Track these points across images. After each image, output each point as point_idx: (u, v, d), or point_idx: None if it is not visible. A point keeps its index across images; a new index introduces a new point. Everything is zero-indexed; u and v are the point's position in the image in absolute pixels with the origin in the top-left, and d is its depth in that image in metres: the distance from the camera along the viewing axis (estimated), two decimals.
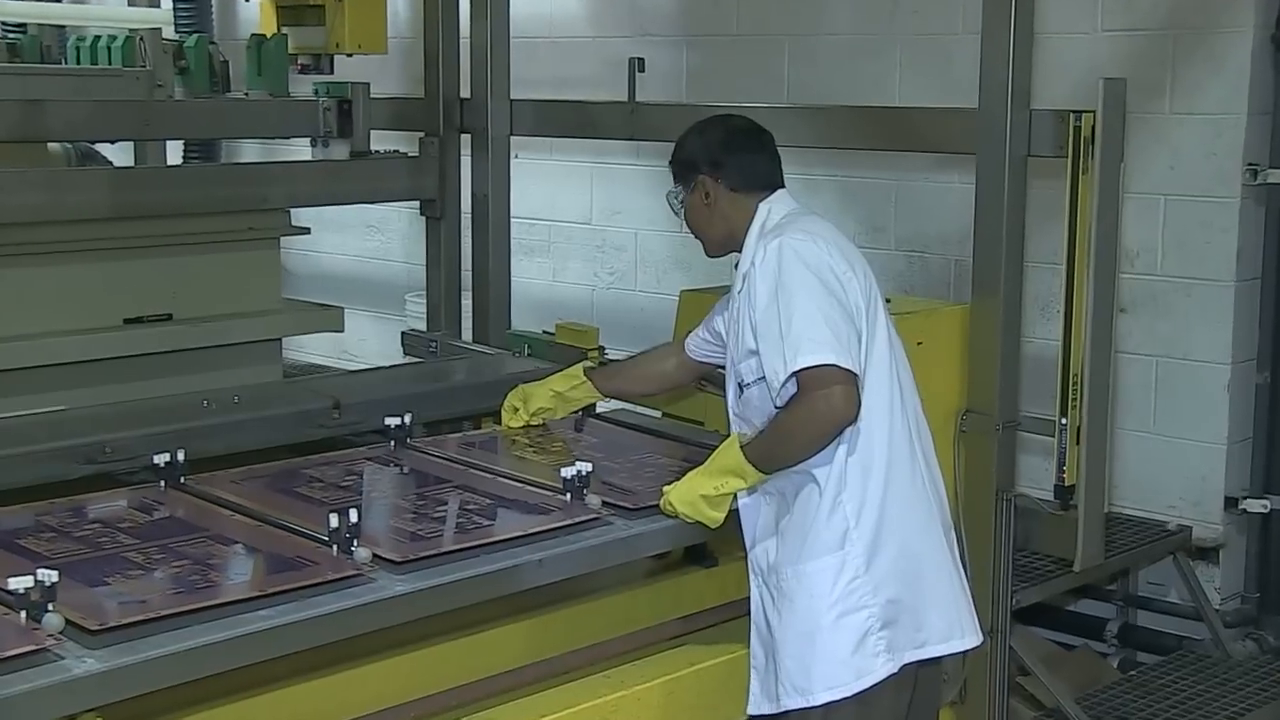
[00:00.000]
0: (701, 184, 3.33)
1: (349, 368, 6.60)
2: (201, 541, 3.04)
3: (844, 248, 3.21)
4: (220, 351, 4.73)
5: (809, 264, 3.09)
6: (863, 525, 3.11)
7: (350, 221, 7.87)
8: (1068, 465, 3.88)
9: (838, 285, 3.10)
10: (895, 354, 3.24)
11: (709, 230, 3.38)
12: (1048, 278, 5.04)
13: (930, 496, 3.23)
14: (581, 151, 6.64)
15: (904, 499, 3.16)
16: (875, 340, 3.16)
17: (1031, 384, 4.46)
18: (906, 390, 3.25)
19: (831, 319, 3.04)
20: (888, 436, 3.15)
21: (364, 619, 2.78)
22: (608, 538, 3.22)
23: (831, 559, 3.10)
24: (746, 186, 3.32)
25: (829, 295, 3.07)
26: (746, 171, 3.33)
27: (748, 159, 3.34)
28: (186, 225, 4.69)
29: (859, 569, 3.10)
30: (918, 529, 3.18)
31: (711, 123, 3.41)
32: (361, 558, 2.90)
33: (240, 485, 3.45)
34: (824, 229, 3.24)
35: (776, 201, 3.32)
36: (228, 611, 2.67)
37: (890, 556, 3.12)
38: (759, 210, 3.30)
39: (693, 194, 3.36)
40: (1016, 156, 3.91)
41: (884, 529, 3.12)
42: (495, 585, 3.02)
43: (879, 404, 3.14)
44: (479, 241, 5.35)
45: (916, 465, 3.20)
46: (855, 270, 3.17)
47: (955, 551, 3.31)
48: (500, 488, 3.47)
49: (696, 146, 3.38)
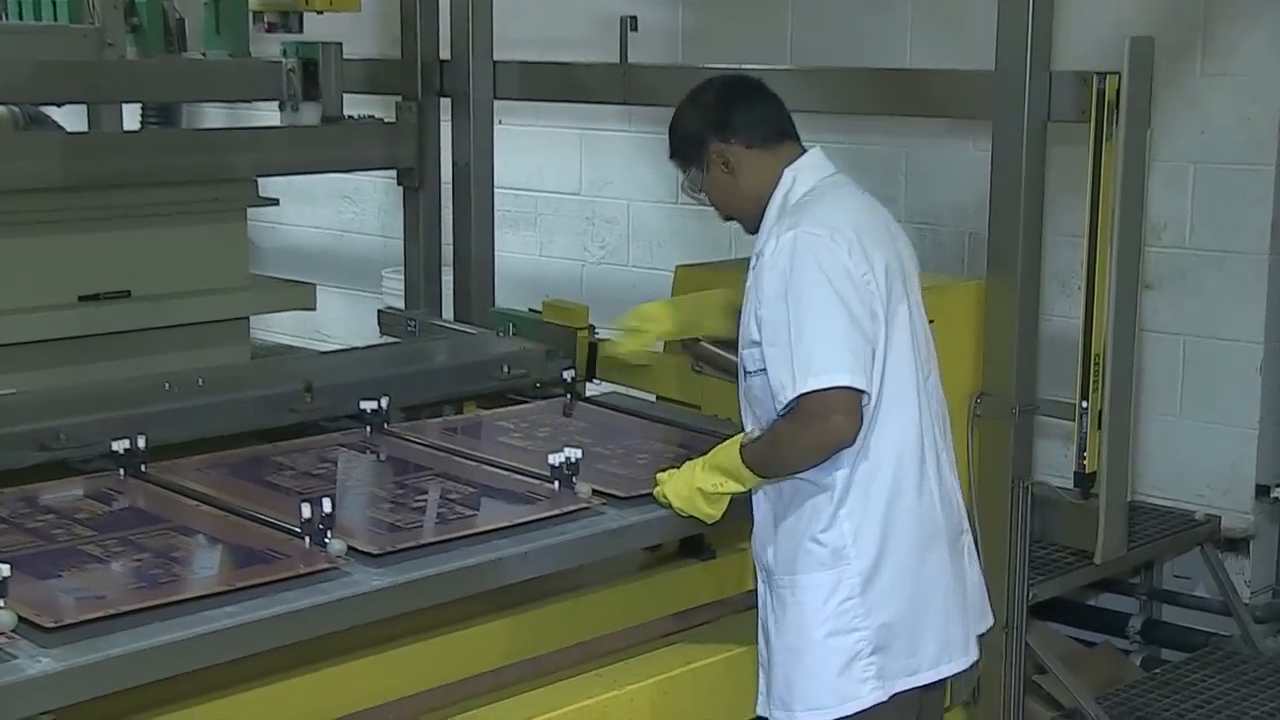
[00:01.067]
0: (717, 154, 3.22)
1: (321, 348, 6.60)
2: (163, 533, 3.04)
3: (869, 235, 3.09)
4: (183, 331, 4.72)
5: (824, 266, 2.99)
6: (861, 543, 3.09)
7: (322, 192, 7.86)
8: (1088, 451, 3.89)
9: (852, 292, 3.00)
10: (919, 354, 3.18)
11: (744, 203, 3.24)
12: (1068, 252, 5.04)
13: (938, 510, 3.19)
14: (570, 117, 6.63)
15: (909, 516, 3.13)
16: (894, 345, 3.10)
17: (1050, 365, 4.46)
18: (928, 393, 3.21)
19: (847, 334, 2.97)
20: (897, 449, 3.12)
21: (338, 615, 2.78)
22: (598, 528, 3.22)
23: (826, 575, 3.10)
24: (765, 140, 3.22)
25: (842, 306, 2.97)
26: (758, 123, 3.22)
27: (755, 110, 3.24)
28: (145, 196, 4.68)
29: (853, 589, 3.09)
30: (920, 547, 3.15)
31: (700, 89, 3.31)
32: (335, 550, 2.90)
33: (205, 473, 3.45)
34: (848, 212, 3.13)
35: (804, 168, 3.21)
36: (192, 608, 2.66)
37: (889, 578, 3.10)
38: (784, 177, 3.20)
39: (710, 171, 3.24)
40: (1035, 122, 3.90)
41: (885, 549, 3.10)
42: (478, 579, 3.02)
43: (894, 416, 3.10)
44: (460, 213, 5.35)
45: (926, 478, 3.17)
46: (875, 267, 3.06)
47: (965, 560, 3.29)
48: (484, 476, 3.47)
49: (694, 116, 3.27)
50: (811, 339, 2.96)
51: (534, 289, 6.13)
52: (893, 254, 3.17)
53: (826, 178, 3.22)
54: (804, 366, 2.95)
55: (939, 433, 3.25)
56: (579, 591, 3.55)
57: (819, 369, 2.94)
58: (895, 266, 3.15)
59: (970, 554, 3.33)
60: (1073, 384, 3.92)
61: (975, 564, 3.36)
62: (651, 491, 3.30)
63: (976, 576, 3.36)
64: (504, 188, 5.58)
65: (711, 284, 4.30)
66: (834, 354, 2.95)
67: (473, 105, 5.25)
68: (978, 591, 3.36)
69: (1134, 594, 5.31)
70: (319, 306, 5.28)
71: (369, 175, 7.35)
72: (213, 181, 4.84)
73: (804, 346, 2.95)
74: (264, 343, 6.75)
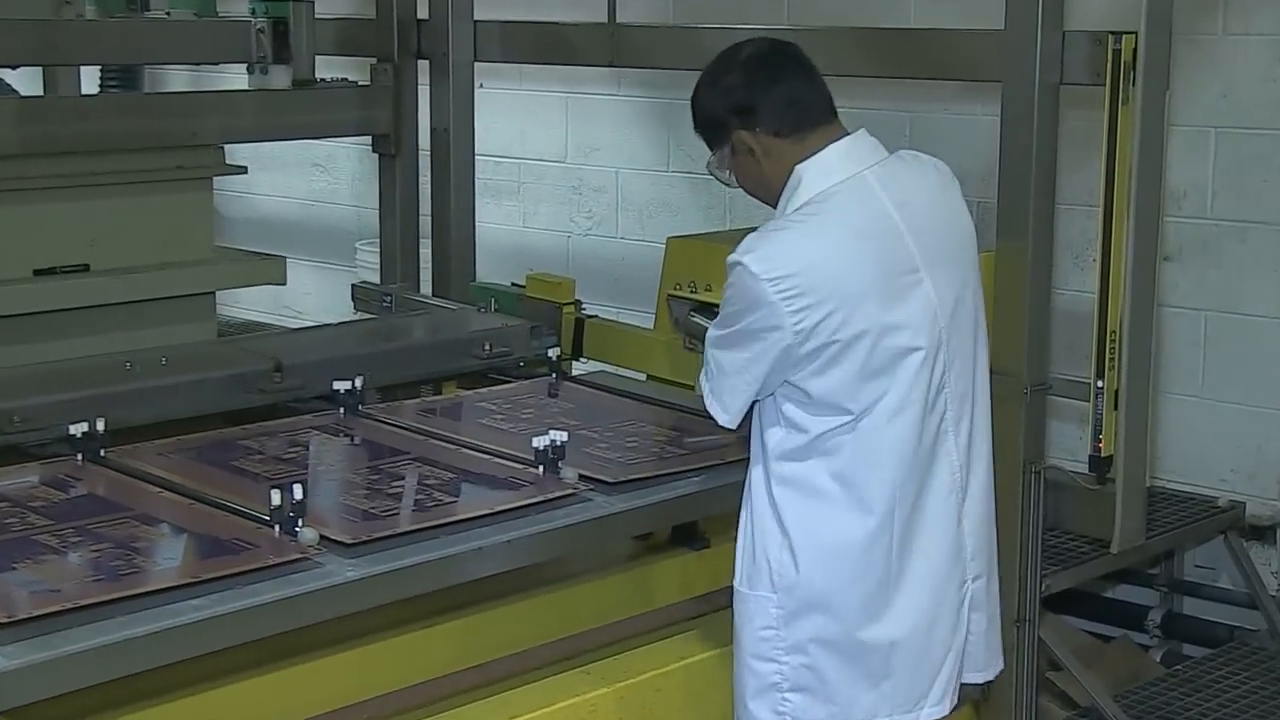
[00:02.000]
0: (741, 141, 3.10)
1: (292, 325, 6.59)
2: (124, 522, 3.04)
3: (844, 277, 2.95)
4: (145, 307, 4.72)
5: (738, 306, 2.99)
6: (804, 576, 3.04)
7: (292, 159, 7.84)
8: (1104, 433, 3.89)
9: (756, 341, 2.97)
10: (933, 399, 3.05)
11: (772, 187, 3.13)
12: (1082, 221, 5.03)
13: (925, 557, 3.08)
14: (555, 80, 6.62)
15: (866, 560, 3.03)
16: (831, 377, 2.98)
17: (1063, 342, 4.46)
18: (944, 434, 3.10)
19: (736, 376, 3.04)
20: (871, 493, 3.01)
21: (310, 608, 2.79)
22: (585, 516, 3.23)
23: (760, 595, 3.09)
24: (797, 126, 3.08)
25: (747, 357, 3.00)
26: (787, 107, 3.08)
27: (784, 91, 3.09)
28: (105, 163, 4.67)
29: (775, 620, 3.07)
30: (878, 595, 3.05)
31: (722, 63, 3.15)
32: (307, 539, 2.90)
33: (168, 458, 3.45)
34: (831, 244, 2.98)
35: (814, 169, 3.06)
36: (154, 601, 2.67)
37: (821, 625, 3.04)
38: (793, 176, 3.07)
39: (736, 157, 3.13)
40: (1047, 84, 3.90)
41: (830, 594, 3.03)
42: (459, 570, 3.03)
43: (870, 459, 3.01)
44: (439, 182, 5.34)
45: (910, 525, 3.05)
46: (835, 308, 2.92)
47: (963, 609, 3.18)
48: (464, 460, 3.47)
49: (714, 98, 3.13)
50: (716, 359, 3.08)
51: (517, 262, 6.13)
52: (879, 277, 2.99)
53: (836, 184, 3.04)
54: (717, 394, 3.10)
55: (954, 474, 3.13)
56: (565, 583, 3.55)
57: (712, 388, 3.10)
58: (873, 292, 2.98)
59: (974, 602, 3.20)
60: (1087, 362, 3.92)
61: (981, 612, 3.23)
62: (642, 477, 3.30)
63: (981, 627, 3.23)
64: (485, 155, 5.56)
65: (705, 257, 4.31)
66: (724, 384, 3.07)
67: (452, 67, 5.24)
68: (979, 643, 3.24)
69: (1153, 585, 5.32)
70: (289, 281, 5.27)
71: (342, 142, 7.33)
72: (176, 148, 4.83)
73: (712, 357, 3.09)
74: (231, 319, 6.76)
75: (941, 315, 3.06)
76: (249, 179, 5.86)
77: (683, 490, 3.44)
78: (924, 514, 3.08)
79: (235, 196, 7.83)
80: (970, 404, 3.16)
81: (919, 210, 3.10)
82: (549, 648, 3.46)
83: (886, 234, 3.04)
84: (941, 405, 3.08)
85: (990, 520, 3.25)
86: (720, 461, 3.51)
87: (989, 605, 3.25)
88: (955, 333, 3.10)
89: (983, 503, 3.20)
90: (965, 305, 3.13)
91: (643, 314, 4.85)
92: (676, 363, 4.26)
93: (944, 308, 3.07)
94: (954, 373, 3.10)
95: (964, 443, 3.14)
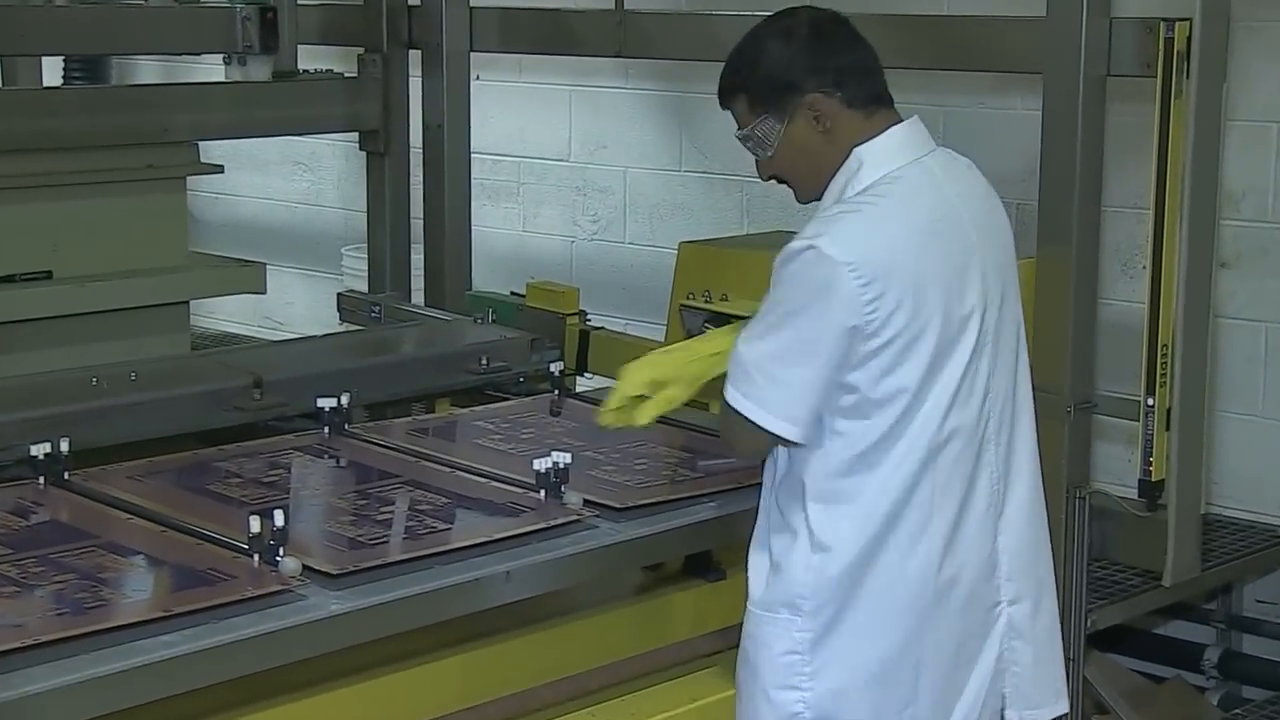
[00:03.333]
0: (810, 106, 3.07)
1: (272, 337, 6.59)
2: (90, 551, 3.04)
3: (920, 262, 2.99)
4: (112, 318, 4.72)
5: (813, 295, 2.95)
6: (819, 595, 3.04)
7: (273, 158, 7.85)
8: (1155, 456, 3.89)
9: (829, 334, 2.94)
10: (975, 395, 3.08)
11: (818, 170, 3.12)
12: (1131, 225, 5.03)
13: (953, 573, 3.09)
14: (558, 71, 6.63)
15: (891, 574, 3.05)
16: (929, 388, 3.01)
17: (1110, 356, 4.46)
18: (984, 440, 3.11)
19: (802, 380, 2.96)
20: (897, 500, 3.03)
21: (292, 644, 2.79)
22: (590, 544, 3.23)
23: (781, 618, 3.08)
24: (866, 100, 3.10)
25: (816, 354, 2.95)
26: (862, 77, 3.10)
27: (857, 57, 3.12)
28: (69, 162, 4.68)
29: (800, 644, 3.06)
30: (904, 612, 3.06)
31: (783, 21, 3.15)
32: (289, 570, 2.90)
33: (138, 482, 3.45)
34: (900, 231, 3.00)
35: (875, 152, 3.08)
36: (123, 637, 2.67)
37: (851, 639, 3.05)
38: (851, 157, 3.08)
39: (793, 124, 3.09)
40: (1093, 76, 3.91)
41: (857, 604, 3.04)
42: (453, 603, 3.03)
43: (902, 463, 3.02)
44: (432, 182, 5.35)
45: (932, 535, 3.06)
46: (902, 304, 2.96)
47: (995, 637, 3.17)
48: (459, 484, 3.48)
49: (786, 56, 3.09)
50: (769, 362, 2.99)
51: (517, 269, 6.14)
52: (942, 274, 3.04)
53: (900, 168, 3.08)
54: (745, 380, 3.01)
55: (993, 487, 3.14)
56: (569, 617, 3.54)
57: (762, 399, 2.99)
58: (939, 287, 3.03)
59: (1013, 629, 3.19)
60: (1136, 378, 3.92)
61: (1025, 641, 3.21)
62: (652, 502, 3.30)
63: (1026, 658, 3.21)
64: (482, 153, 5.57)
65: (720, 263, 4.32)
66: (783, 392, 2.98)
67: (446, 58, 5.25)
68: (1025, 677, 3.22)
69: (1209, 622, 5.31)
70: (270, 290, 5.28)
71: (327, 139, 7.34)
72: (147, 145, 4.84)
73: (757, 362, 3.00)
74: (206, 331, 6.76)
75: (990, 315, 3.10)
76: (226, 179, 5.87)
77: (696, 516, 3.44)
78: (960, 528, 3.10)
79: (211, 198, 7.84)
80: (1011, 414, 3.17)
81: (976, 204, 3.17)
82: (551, 688, 3.46)
83: (953, 224, 3.09)
84: (986, 409, 3.11)
85: (1038, 544, 3.24)
86: (736, 485, 3.51)
87: (1036, 635, 3.23)
88: (1002, 334, 3.14)
89: (1025, 524, 3.20)
90: (1010, 307, 3.17)
91: (653, 326, 4.86)
92: None
93: (993, 306, 3.11)
94: (999, 376, 3.13)
95: (1003, 454, 3.15)
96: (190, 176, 5.04)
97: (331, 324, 5.39)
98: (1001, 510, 3.16)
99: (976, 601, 3.14)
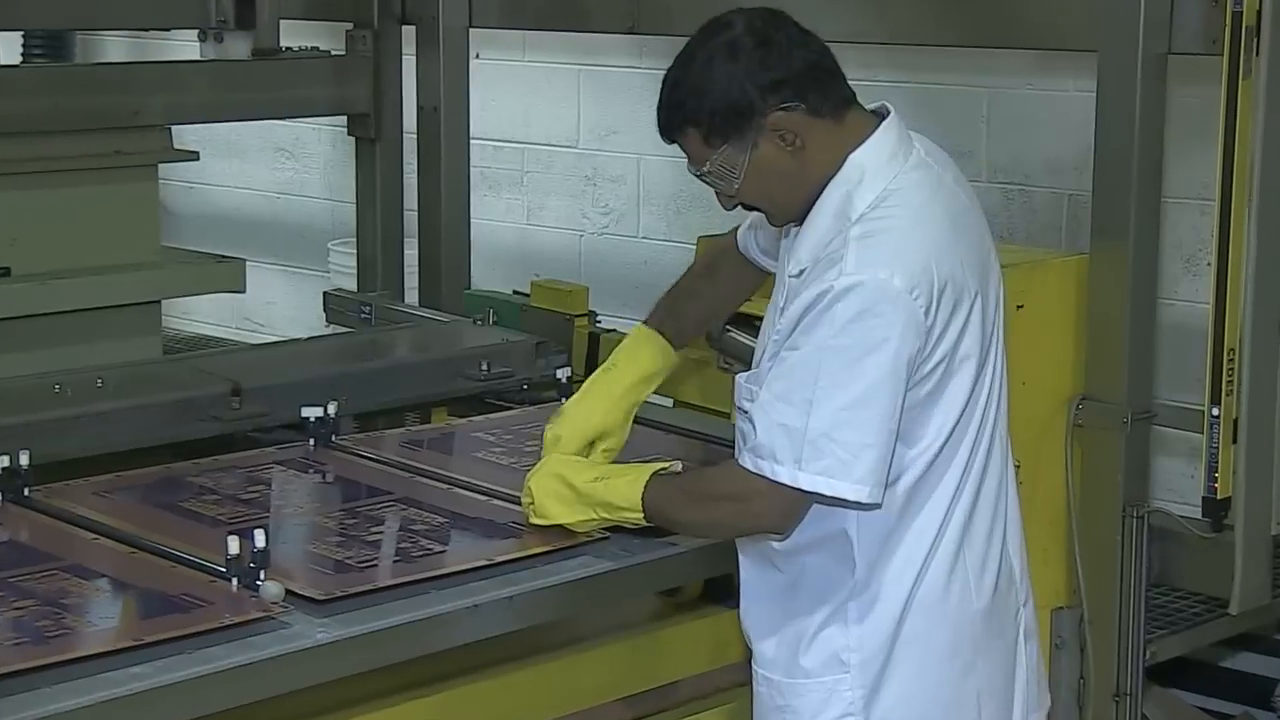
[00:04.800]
0: (776, 125, 2.97)
1: (252, 340, 6.60)
2: (53, 574, 3.04)
3: (955, 258, 2.98)
4: (78, 319, 4.73)
5: (892, 333, 2.87)
6: (866, 647, 3.05)
7: (253, 144, 7.86)
8: (1221, 471, 3.88)
9: (901, 370, 2.89)
10: (987, 397, 3.10)
11: (795, 192, 3.05)
12: (1194, 218, 5.03)
13: (983, 595, 3.13)
14: (566, 50, 6.63)
15: (935, 609, 3.07)
16: (948, 392, 3.01)
17: (1171, 362, 4.45)
18: (990, 443, 3.13)
19: (876, 434, 2.88)
20: (932, 525, 3.05)
21: (273, 676, 2.79)
22: (601, 568, 3.22)
23: (819, 684, 3.08)
24: (835, 105, 3.01)
25: (891, 395, 2.89)
26: (823, 82, 3.01)
27: (815, 60, 3.01)
28: (29, 148, 4.69)
29: (851, 706, 3.06)
30: (949, 648, 3.09)
31: (713, 32, 3.05)
32: (270, 595, 2.90)
33: (105, 498, 3.45)
34: (931, 235, 2.97)
35: (873, 159, 3.01)
36: (89, 669, 2.66)
37: (898, 693, 3.06)
38: (847, 167, 3.00)
39: (758, 150, 3.00)
40: (1153, 54, 3.90)
41: (895, 654, 3.05)
42: (450, 632, 3.02)
43: (933, 486, 3.04)
44: (427, 171, 5.35)
45: (964, 559, 3.09)
46: (957, 313, 2.96)
47: (1019, 644, 3.21)
48: (456, 501, 3.48)
49: (737, 76, 2.98)
50: (834, 424, 2.89)
51: (520, 266, 6.14)
52: (976, 271, 3.06)
53: (904, 170, 3.03)
54: (810, 451, 2.89)
55: (997, 492, 3.16)
56: (577, 648, 3.55)
57: (829, 468, 2.89)
58: (974, 289, 3.04)
59: (1028, 631, 3.24)
60: (1200, 386, 3.91)
61: (1035, 641, 3.27)
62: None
63: (1034, 659, 3.27)
64: (482, 139, 5.57)
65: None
66: (856, 454, 2.89)
67: (442, 34, 5.25)
68: (1033, 678, 3.27)
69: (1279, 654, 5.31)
70: (249, 288, 5.28)
71: (312, 123, 7.35)
72: (114, 130, 4.85)
73: (822, 427, 2.88)
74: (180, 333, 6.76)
75: (992, 303, 3.13)
76: (201, 167, 5.89)
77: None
78: (991, 540, 3.14)
79: (185, 188, 7.85)
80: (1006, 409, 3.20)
81: (966, 186, 3.19)
82: None
83: (970, 215, 3.12)
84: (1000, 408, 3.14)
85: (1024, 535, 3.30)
86: None
87: (1037, 631, 3.30)
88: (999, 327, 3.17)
89: (1018, 519, 3.24)
90: (1001, 299, 3.18)
91: None
92: (708, 386, 4.25)
93: (989, 296, 3.13)
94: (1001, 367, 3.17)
95: (1005, 450, 3.19)
96: (162, 164, 5.05)
97: (317, 326, 5.40)
98: (1007, 511, 3.20)
99: (1005, 613, 3.18)
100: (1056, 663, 4.07)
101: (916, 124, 3.21)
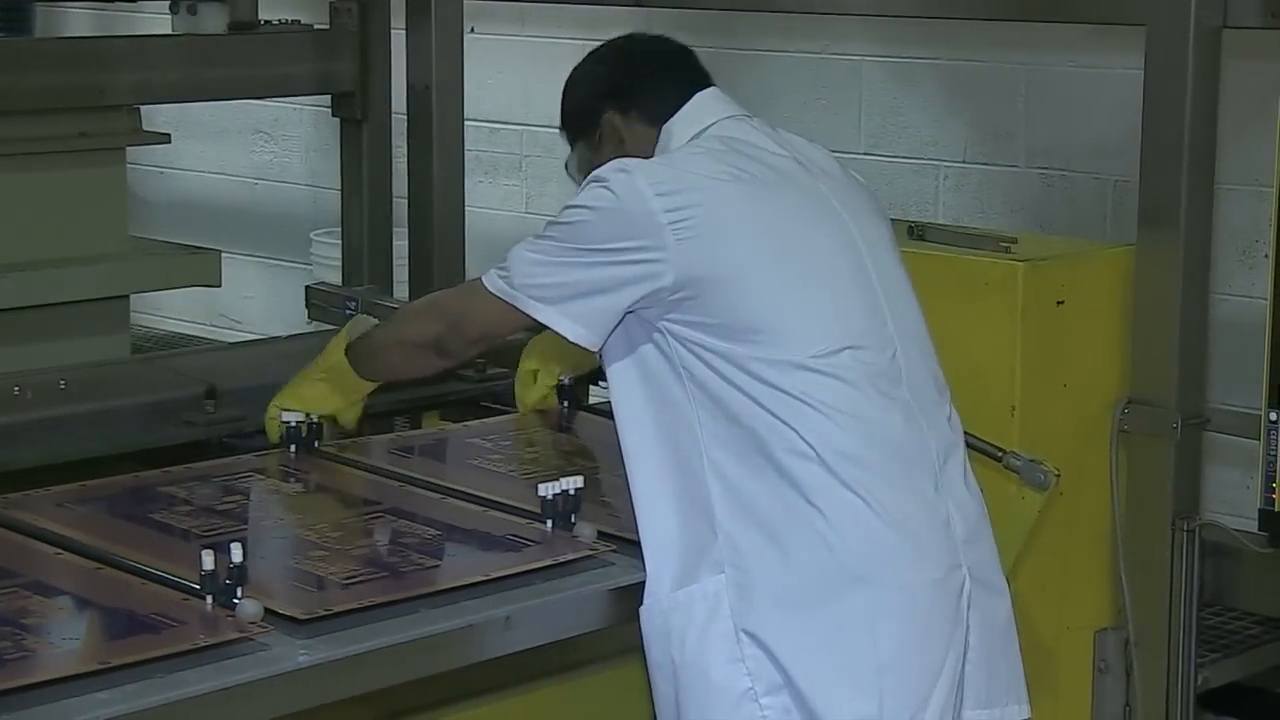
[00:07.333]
0: (609, 124, 3.58)
1: (229, 339, 6.61)
2: (12, 592, 3.04)
3: (741, 198, 3.29)
4: (40, 315, 4.74)
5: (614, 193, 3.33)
6: (770, 677, 3.13)
7: (230, 125, 7.87)
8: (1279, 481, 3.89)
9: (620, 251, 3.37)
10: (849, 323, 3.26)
11: None
12: (1251, 205, 5.03)
13: (889, 540, 3.19)
14: (567, 22, 6.64)
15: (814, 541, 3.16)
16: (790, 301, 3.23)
17: (1226, 362, 4.45)
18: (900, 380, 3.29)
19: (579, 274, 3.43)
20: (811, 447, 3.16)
21: (251, 702, 2.79)
22: (605, 584, 3.23)
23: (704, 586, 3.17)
24: (661, 116, 3.49)
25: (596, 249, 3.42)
26: (662, 95, 3.50)
27: (665, 79, 3.53)
28: None
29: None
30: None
31: (607, 50, 3.73)
32: (248, 614, 2.91)
33: (69, 510, 3.46)
34: (731, 161, 3.34)
35: (681, 120, 3.47)
36: (52, 694, 2.67)
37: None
38: (659, 139, 3.49)
39: (600, 144, 3.59)
40: (1205, 29, 3.90)
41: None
42: (443, 654, 3.03)
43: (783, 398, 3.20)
44: (418, 155, 5.35)
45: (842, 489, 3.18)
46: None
47: (962, 616, 3.25)
48: (450, 513, 3.49)
49: (589, 83, 3.68)
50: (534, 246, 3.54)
51: None
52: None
53: (716, 122, 3.45)
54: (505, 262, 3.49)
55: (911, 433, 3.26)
56: (580, 671, 3.56)
57: (515, 271, 3.53)
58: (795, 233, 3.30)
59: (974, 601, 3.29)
60: (1258, 388, 3.91)
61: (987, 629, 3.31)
62: None
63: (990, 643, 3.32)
64: (477, 120, 5.58)
65: None
66: (543, 273, 3.49)
67: (434, 6, 5.26)
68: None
69: None
70: (225, 281, 5.29)
71: (293, 103, 7.36)
72: (79, 110, 4.85)
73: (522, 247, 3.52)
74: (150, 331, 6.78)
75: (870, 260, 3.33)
76: (173, 150, 5.90)
77: None
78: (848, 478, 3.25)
79: (156, 173, 7.86)
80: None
81: (819, 161, 3.45)
82: None
83: (792, 170, 3.38)
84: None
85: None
86: None
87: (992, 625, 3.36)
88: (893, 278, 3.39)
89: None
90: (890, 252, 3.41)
91: None
92: None
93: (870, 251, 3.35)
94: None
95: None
96: (131, 147, 5.06)
97: (298, 322, 5.41)
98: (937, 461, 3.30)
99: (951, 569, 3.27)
100: (1100, 689, 4.08)
101: (947, 107, 3.23)
